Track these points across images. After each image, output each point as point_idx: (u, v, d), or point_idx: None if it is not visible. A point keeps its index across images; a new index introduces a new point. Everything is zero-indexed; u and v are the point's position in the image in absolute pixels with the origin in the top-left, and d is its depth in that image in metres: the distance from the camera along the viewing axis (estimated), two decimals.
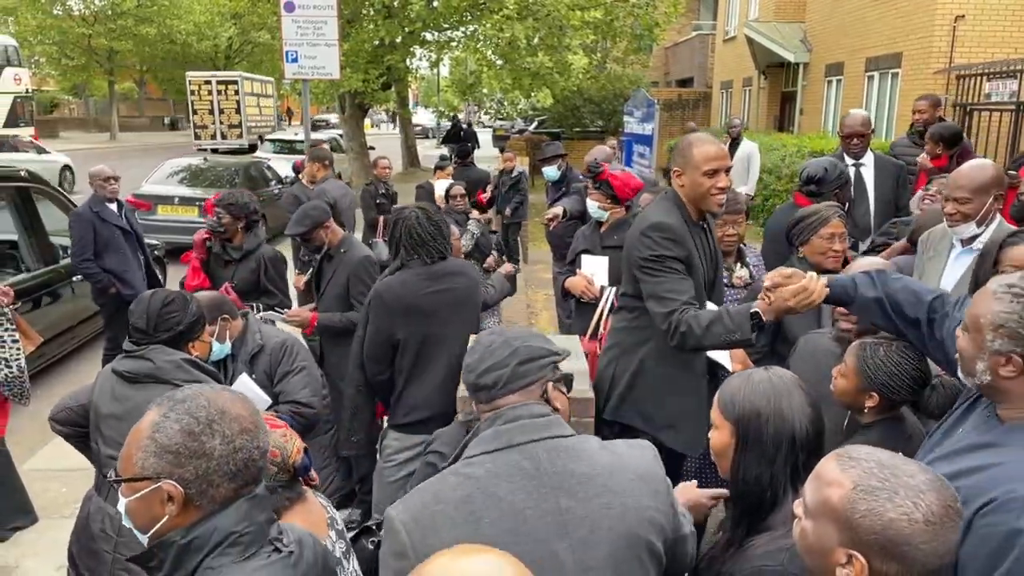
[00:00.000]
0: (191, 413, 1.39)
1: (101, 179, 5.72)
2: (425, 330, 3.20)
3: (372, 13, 16.30)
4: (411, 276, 3.22)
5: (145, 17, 34.15)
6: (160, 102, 51.68)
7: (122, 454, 1.42)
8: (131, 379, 2.52)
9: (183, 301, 2.64)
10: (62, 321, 6.33)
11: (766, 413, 1.69)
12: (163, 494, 1.36)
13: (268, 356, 3.09)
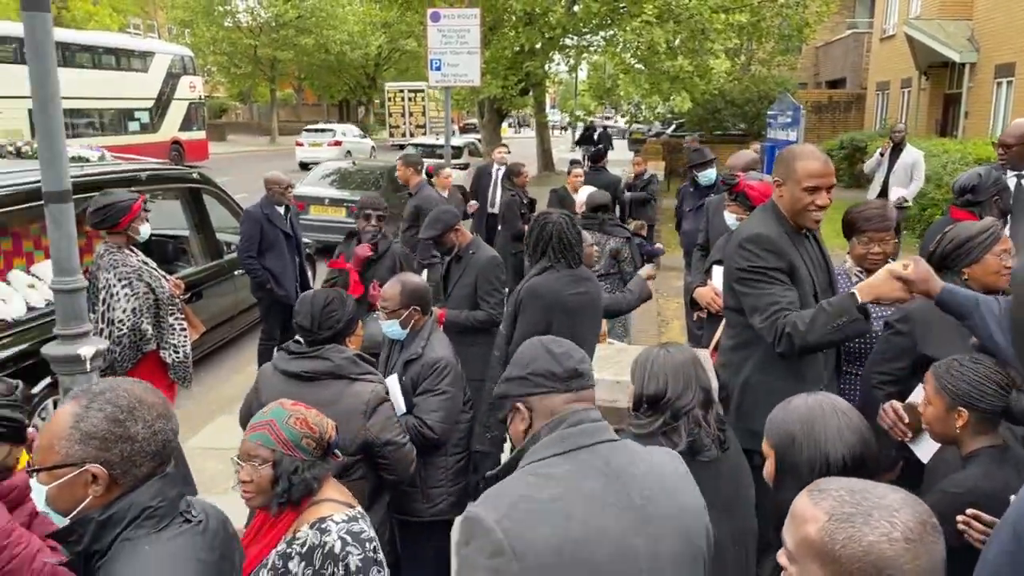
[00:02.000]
0: (113, 402, 1.53)
1: (279, 186, 6.14)
2: (570, 329, 3.32)
3: (513, 20, 16.61)
4: (561, 276, 3.42)
5: (304, 28, 36.44)
6: (315, 107, 54.91)
7: (38, 446, 1.54)
8: (309, 378, 2.67)
9: (341, 301, 2.82)
10: (223, 312, 6.86)
11: (800, 438, 1.70)
12: (87, 477, 1.51)
13: (420, 367, 3.08)
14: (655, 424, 2.20)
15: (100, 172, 5.41)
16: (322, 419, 2.03)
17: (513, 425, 1.68)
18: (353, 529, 1.88)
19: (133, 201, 4.14)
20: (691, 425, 2.18)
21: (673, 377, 2.22)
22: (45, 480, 1.52)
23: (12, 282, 4.77)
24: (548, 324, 3.35)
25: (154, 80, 24.16)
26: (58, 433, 1.51)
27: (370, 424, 2.64)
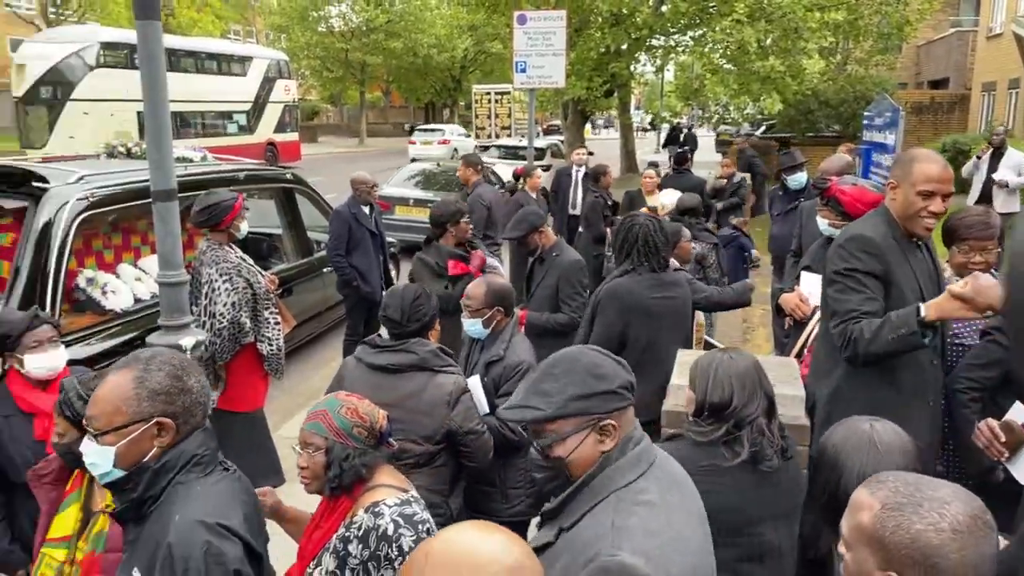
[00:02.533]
0: (168, 362, 1.74)
1: (365, 186, 6.33)
2: (649, 334, 3.34)
3: (599, 22, 16.53)
4: (641, 280, 3.39)
5: (394, 32, 37.29)
6: (402, 109, 56.08)
7: (99, 412, 1.69)
8: (395, 370, 2.77)
9: (426, 296, 2.94)
10: (312, 307, 7.10)
11: (825, 460, 1.75)
12: (154, 430, 1.70)
13: (503, 368, 3.09)
14: (717, 432, 2.17)
15: (202, 172, 5.68)
16: (373, 409, 2.10)
17: (585, 447, 1.58)
18: (405, 512, 1.95)
19: (234, 200, 4.33)
20: (754, 434, 2.15)
21: (739, 385, 2.18)
22: (112, 440, 1.67)
23: (121, 275, 5.07)
24: (624, 327, 3.34)
25: (252, 84, 25.17)
26: (122, 396, 1.68)
27: (453, 414, 2.72)
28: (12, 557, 2.71)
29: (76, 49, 18.97)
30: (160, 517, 1.70)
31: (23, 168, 4.45)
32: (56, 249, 4.23)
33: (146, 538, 1.69)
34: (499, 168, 14.87)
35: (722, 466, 2.14)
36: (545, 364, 1.66)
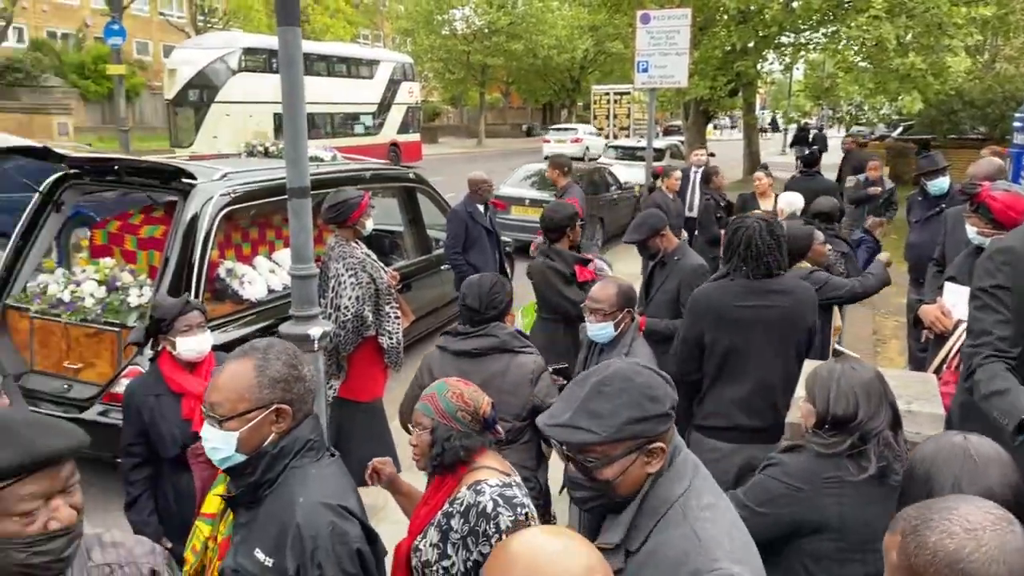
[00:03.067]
0: (284, 351, 1.81)
1: (484, 185, 6.44)
2: (732, 341, 3.20)
3: (725, 19, 16.09)
4: (730, 286, 3.25)
5: (515, 34, 37.73)
6: (520, 110, 56.65)
7: (222, 399, 1.75)
8: (478, 354, 2.96)
9: (502, 285, 3.11)
10: (429, 303, 7.28)
11: (917, 472, 1.70)
12: (273, 416, 1.76)
13: None
14: (842, 446, 2.09)
15: (332, 171, 5.94)
16: (478, 395, 2.17)
17: (633, 469, 1.54)
18: (506, 493, 2.01)
19: (361, 198, 4.51)
20: (881, 448, 2.07)
21: (864, 397, 2.10)
22: (235, 426, 1.74)
23: (257, 267, 5.37)
24: (700, 335, 3.23)
25: (378, 86, 26.13)
26: (245, 383, 1.75)
27: (536, 391, 2.90)
28: (148, 529, 2.89)
29: (221, 54, 20.31)
30: (279, 500, 1.77)
31: (174, 165, 4.79)
32: (201, 241, 4.53)
33: (266, 520, 1.78)
34: (616, 169, 14.77)
35: (847, 479, 2.08)
36: (594, 381, 1.56)
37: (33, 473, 1.27)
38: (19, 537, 1.27)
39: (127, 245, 5.01)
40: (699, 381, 3.32)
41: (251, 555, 1.76)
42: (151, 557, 1.55)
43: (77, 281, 4.68)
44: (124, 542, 1.55)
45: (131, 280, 4.67)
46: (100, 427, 4.14)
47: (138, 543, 1.58)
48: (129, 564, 1.51)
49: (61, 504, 1.31)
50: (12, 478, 1.25)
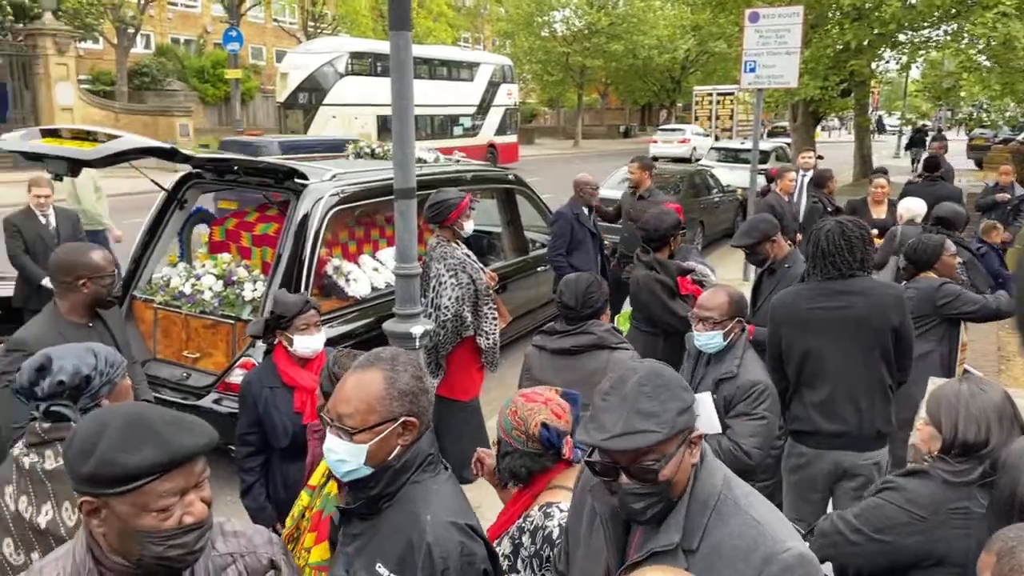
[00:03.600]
0: (411, 363, 1.76)
1: (589, 187, 6.40)
2: (807, 344, 3.19)
3: (838, 17, 15.43)
4: (804, 289, 3.29)
5: (615, 35, 37.43)
6: (618, 111, 56.14)
7: (352, 411, 1.68)
8: (576, 351, 3.03)
9: (598, 284, 3.15)
10: (525, 304, 7.29)
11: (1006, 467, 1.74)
12: (400, 429, 1.71)
13: (736, 388, 2.96)
14: (972, 474, 1.97)
15: (434, 172, 6.05)
16: (531, 413, 2.08)
17: (685, 463, 1.55)
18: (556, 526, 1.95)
19: (461, 199, 4.56)
20: None
21: (996, 422, 1.97)
22: (365, 439, 1.69)
23: (362, 265, 5.52)
24: (779, 340, 3.27)
25: (478, 88, 26.46)
26: (375, 395, 1.70)
27: None
28: (264, 514, 3.03)
29: (329, 59, 21.08)
30: (403, 515, 1.73)
31: (289, 166, 4.99)
32: (311, 238, 4.70)
33: (389, 535, 1.74)
34: (718, 171, 14.40)
35: (975, 510, 1.94)
36: (632, 384, 1.53)
37: (170, 471, 1.31)
38: (156, 531, 1.32)
39: (243, 242, 5.25)
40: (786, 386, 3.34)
41: (371, 568, 1.72)
42: (269, 547, 1.59)
43: (197, 275, 4.94)
44: (244, 531, 1.59)
45: (246, 275, 4.89)
46: (214, 415, 4.35)
47: (257, 533, 1.61)
48: (249, 554, 1.55)
49: (195, 499, 1.35)
50: (151, 476, 1.30)
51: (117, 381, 2.10)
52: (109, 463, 1.28)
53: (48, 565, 1.44)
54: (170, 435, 1.32)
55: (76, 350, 2.09)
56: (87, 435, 1.32)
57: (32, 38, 20.64)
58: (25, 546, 2.03)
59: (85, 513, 1.34)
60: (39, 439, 2.03)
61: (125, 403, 1.45)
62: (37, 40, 20.65)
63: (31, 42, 20.67)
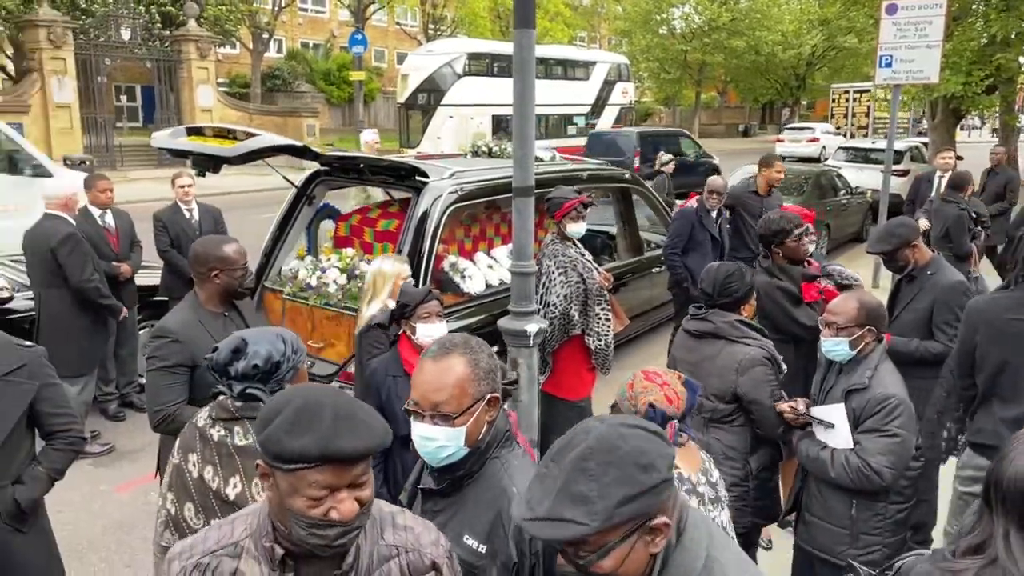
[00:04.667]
0: (482, 344, 1.85)
1: (716, 192, 6.23)
2: (1003, 356, 3.01)
3: (984, 8, 14.35)
4: (1005, 297, 3.09)
5: (737, 31, 36.34)
6: (737, 110, 54.47)
7: (448, 397, 1.75)
8: (698, 336, 3.21)
9: (740, 274, 3.20)
10: (639, 306, 7.19)
11: None
12: (486, 407, 1.79)
13: (866, 400, 2.81)
14: None
15: (551, 171, 6.05)
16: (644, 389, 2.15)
17: (635, 554, 1.30)
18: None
19: (569, 199, 4.54)
20: None
21: None
22: (464, 421, 1.76)
23: (477, 262, 5.60)
24: (973, 348, 3.11)
25: (593, 87, 26.36)
26: (464, 380, 1.77)
27: (740, 380, 3.01)
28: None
29: (447, 60, 21.55)
30: (489, 489, 1.81)
31: (410, 164, 5.12)
32: (430, 235, 4.80)
33: (475, 509, 1.82)
34: (846, 172, 13.70)
35: None
36: (573, 457, 1.29)
37: (322, 465, 1.34)
38: (303, 515, 1.36)
39: (365, 237, 5.44)
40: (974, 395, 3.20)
41: (459, 541, 1.79)
42: (434, 548, 1.60)
43: (323, 268, 5.16)
44: (414, 527, 1.61)
45: (367, 270, 5.05)
46: None
47: (426, 531, 1.62)
48: (414, 551, 1.57)
49: (346, 498, 1.37)
50: (304, 464, 1.34)
51: (299, 366, 2.23)
52: (274, 440, 1.36)
53: (240, 518, 1.57)
54: (332, 433, 1.35)
55: (268, 336, 2.21)
56: (271, 408, 1.42)
57: (177, 44, 22.19)
58: (206, 512, 2.17)
59: (260, 475, 1.43)
60: (229, 415, 2.17)
61: (314, 388, 1.49)
62: (181, 46, 22.18)
63: (176, 48, 22.22)
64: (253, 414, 2.12)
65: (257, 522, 1.50)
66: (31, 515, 2.66)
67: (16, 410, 2.58)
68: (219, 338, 2.62)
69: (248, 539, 1.50)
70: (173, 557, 1.52)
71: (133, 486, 4.79)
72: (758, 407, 3.00)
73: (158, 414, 2.98)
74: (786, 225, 4.19)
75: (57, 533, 2.92)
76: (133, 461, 5.11)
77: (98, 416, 5.57)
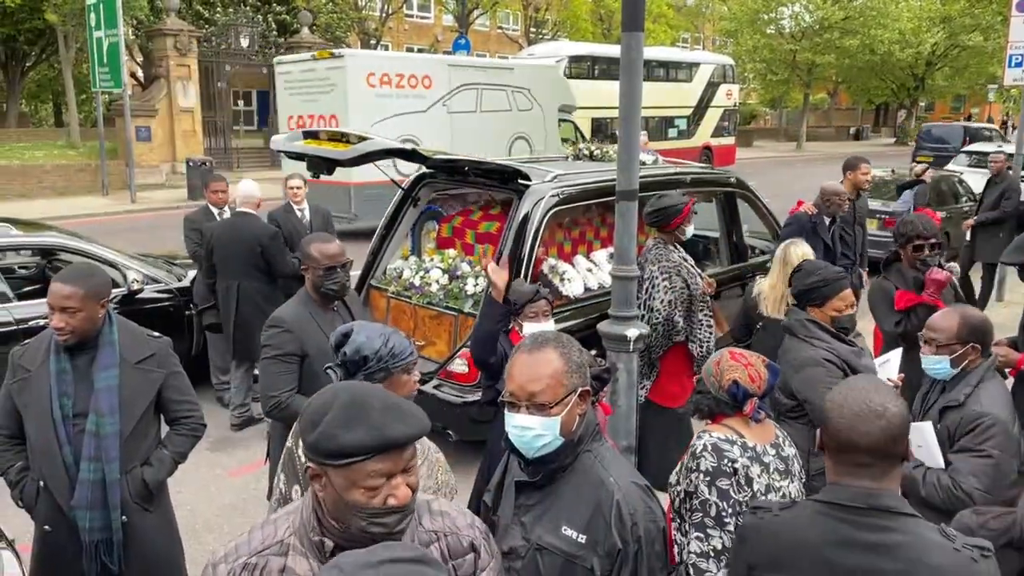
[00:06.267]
0: (571, 341, 1.92)
1: (838, 197, 5.99)
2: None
3: None
4: None
5: (850, 29, 34.80)
6: (848, 112, 52.19)
7: (544, 387, 1.82)
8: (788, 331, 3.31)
9: (821, 276, 3.26)
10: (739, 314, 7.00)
11: None
12: (578, 399, 1.85)
13: (960, 417, 2.73)
14: None
15: (654, 174, 5.98)
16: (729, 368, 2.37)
17: None
18: (720, 445, 2.26)
19: (685, 204, 4.49)
20: None
21: None
22: (559, 411, 1.83)
23: (576, 265, 5.61)
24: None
25: (696, 89, 25.82)
26: (559, 372, 1.84)
27: (794, 378, 3.11)
28: None
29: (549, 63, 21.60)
30: (585, 480, 1.87)
31: (513, 167, 5.18)
32: (530, 238, 4.85)
33: (571, 499, 1.87)
34: (968, 178, 12.89)
35: None
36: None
37: (379, 454, 1.40)
38: (363, 507, 1.42)
39: (467, 239, 5.54)
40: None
41: (557, 532, 1.85)
42: (471, 530, 1.66)
43: (426, 268, 5.29)
44: (449, 512, 1.67)
45: (469, 271, 5.16)
46: (435, 400, 4.63)
47: (460, 514, 1.69)
48: (452, 534, 1.63)
49: (401, 483, 1.44)
50: (362, 456, 1.40)
51: (393, 371, 2.25)
52: (329, 437, 1.40)
53: (282, 517, 1.60)
54: (384, 422, 1.41)
55: (373, 330, 2.29)
56: (317, 408, 1.45)
57: (291, 51, 23.18)
58: None
59: (310, 477, 1.47)
60: None
61: (353, 384, 1.57)
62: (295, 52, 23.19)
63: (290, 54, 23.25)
64: None
65: (300, 519, 1.54)
66: (157, 495, 2.85)
67: (146, 396, 2.78)
68: (328, 331, 2.76)
69: (292, 536, 1.54)
70: (219, 560, 1.56)
71: (245, 471, 5.06)
72: (811, 407, 3.03)
73: (270, 400, 3.15)
74: (913, 232, 4.12)
75: (175, 513, 3.12)
76: (246, 448, 5.40)
77: (214, 404, 5.90)
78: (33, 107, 34.49)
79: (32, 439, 2.71)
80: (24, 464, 2.77)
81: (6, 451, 2.79)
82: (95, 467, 2.63)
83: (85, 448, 2.63)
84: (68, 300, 2.57)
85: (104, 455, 2.63)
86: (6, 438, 2.79)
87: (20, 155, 19.45)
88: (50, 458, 2.65)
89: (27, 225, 6.29)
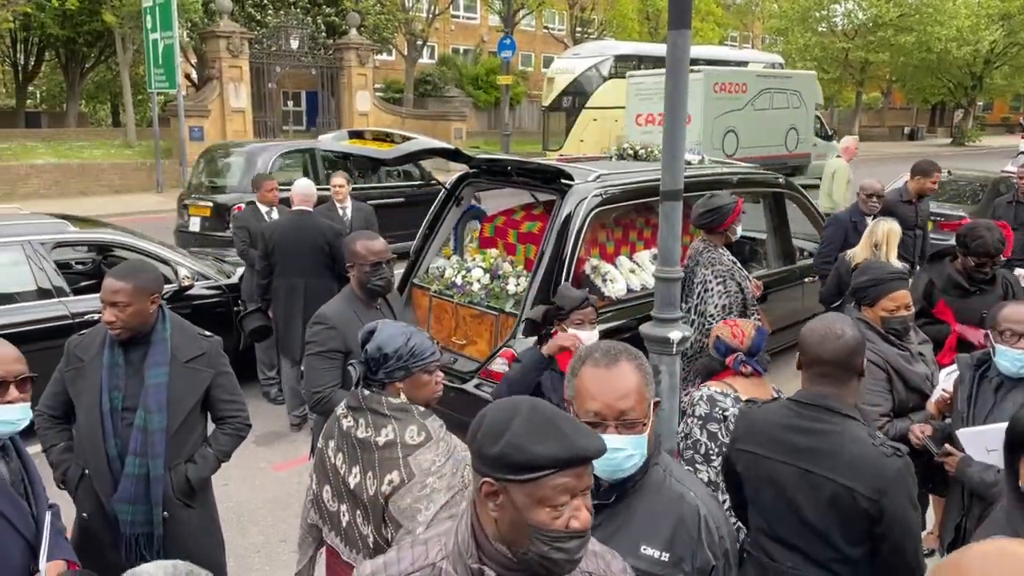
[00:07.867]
0: (636, 351, 1.85)
1: (874, 194, 5.88)
2: None
3: None
4: None
5: (905, 27, 33.88)
6: (902, 111, 50.83)
7: (634, 404, 1.73)
8: None
9: (871, 277, 3.26)
10: (786, 317, 6.85)
11: None
12: (652, 412, 1.79)
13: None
14: None
15: (700, 174, 5.90)
16: (717, 329, 2.94)
17: None
18: (715, 396, 2.67)
19: (735, 204, 4.41)
20: None
21: None
22: (646, 427, 1.76)
23: (619, 266, 5.56)
24: None
25: None
26: (641, 385, 1.77)
27: None
28: None
29: (594, 63, 21.51)
30: (660, 495, 1.78)
31: (556, 167, 5.16)
32: (573, 238, 4.81)
33: (648, 517, 1.77)
34: None
35: None
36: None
37: (567, 468, 1.30)
38: (546, 529, 1.31)
39: (509, 238, 5.53)
40: None
41: (636, 552, 1.74)
42: (623, 575, 1.57)
43: (468, 268, 5.30)
44: (604, 554, 1.57)
45: (510, 270, 5.15)
46: (475, 399, 4.63)
47: (615, 558, 1.58)
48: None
49: (582, 505, 1.33)
50: (551, 469, 1.29)
51: (414, 370, 2.23)
52: (518, 448, 1.30)
53: (432, 540, 1.50)
54: (572, 433, 1.33)
55: (396, 329, 2.28)
56: (498, 419, 1.35)
57: (339, 52, 23.50)
58: (338, 497, 2.30)
59: (484, 495, 1.35)
60: (357, 404, 2.25)
61: (530, 398, 1.45)
62: (343, 53, 23.46)
63: (338, 55, 23.52)
64: (374, 407, 2.20)
65: (455, 542, 1.44)
66: (200, 492, 2.90)
67: (194, 394, 2.82)
68: None
69: (445, 561, 1.43)
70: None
71: (289, 466, 5.13)
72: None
73: (315, 395, 3.19)
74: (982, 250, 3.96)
75: (221, 505, 3.17)
76: (291, 442, 5.48)
77: (260, 399, 6.01)
78: (92, 107, 35.59)
79: (80, 428, 2.78)
80: (66, 446, 2.84)
81: (49, 429, 2.86)
82: (140, 462, 2.68)
83: (132, 443, 2.68)
84: (118, 295, 2.63)
85: (150, 451, 2.68)
86: (51, 418, 2.86)
87: (79, 154, 20.08)
88: (94, 448, 2.71)
89: (83, 222, 6.47)
